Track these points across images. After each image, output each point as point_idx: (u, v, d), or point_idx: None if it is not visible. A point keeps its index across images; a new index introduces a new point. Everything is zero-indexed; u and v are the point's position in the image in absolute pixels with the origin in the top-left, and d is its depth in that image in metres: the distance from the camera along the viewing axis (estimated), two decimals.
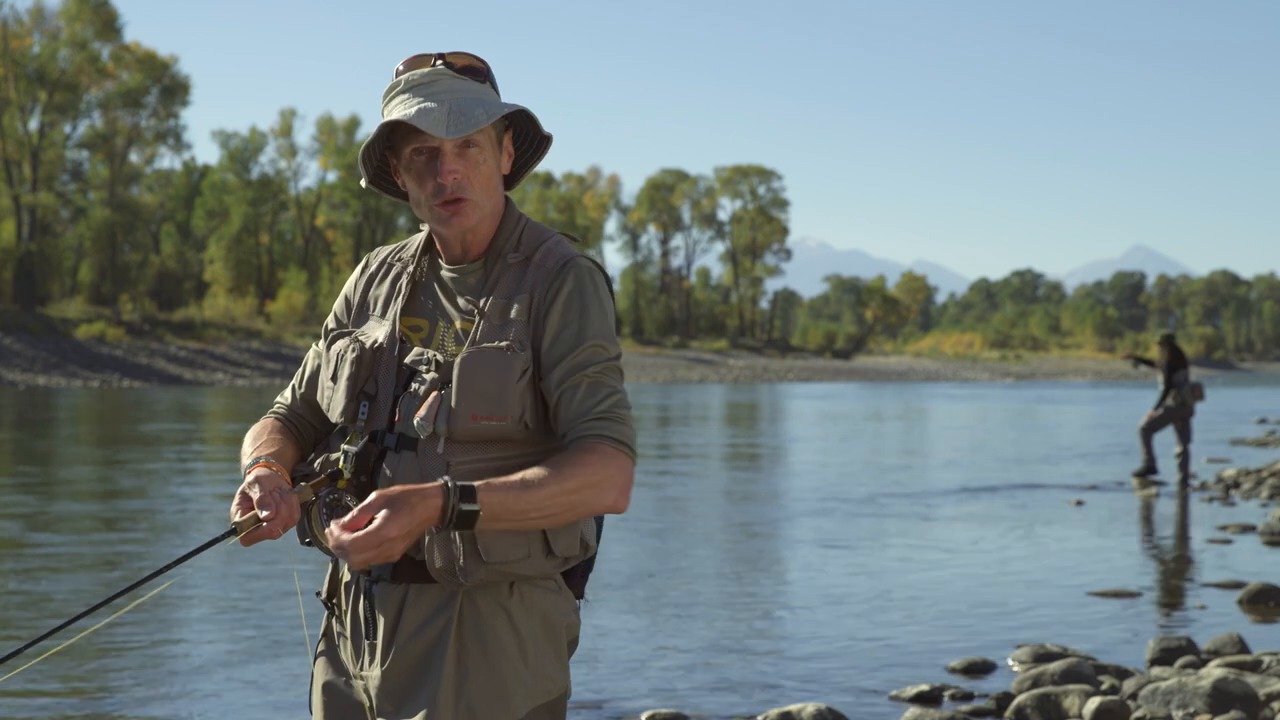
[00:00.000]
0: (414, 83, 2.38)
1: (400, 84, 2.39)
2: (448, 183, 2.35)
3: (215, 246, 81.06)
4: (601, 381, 2.35)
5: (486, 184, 2.40)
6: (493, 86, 2.43)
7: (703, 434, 27.36)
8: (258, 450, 2.43)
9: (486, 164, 2.39)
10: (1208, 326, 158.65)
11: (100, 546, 11.13)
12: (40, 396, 40.54)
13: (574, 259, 2.43)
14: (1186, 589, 9.62)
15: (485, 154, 2.39)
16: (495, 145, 2.41)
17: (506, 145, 2.46)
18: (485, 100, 2.38)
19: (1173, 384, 16.61)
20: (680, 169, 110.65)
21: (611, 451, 2.30)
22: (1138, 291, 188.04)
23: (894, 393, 56.03)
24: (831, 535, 11.99)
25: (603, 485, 2.28)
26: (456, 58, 2.40)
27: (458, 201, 2.37)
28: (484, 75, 2.42)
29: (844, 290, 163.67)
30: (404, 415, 2.36)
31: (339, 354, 2.46)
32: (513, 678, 2.35)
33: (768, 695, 6.40)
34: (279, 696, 6.30)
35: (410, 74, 2.39)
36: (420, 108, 2.34)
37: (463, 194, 2.37)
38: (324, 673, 2.48)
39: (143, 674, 6.71)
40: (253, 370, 58.30)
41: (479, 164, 2.38)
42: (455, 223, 2.39)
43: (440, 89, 2.36)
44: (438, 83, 2.37)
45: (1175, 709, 5.85)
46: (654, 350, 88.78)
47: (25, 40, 67.83)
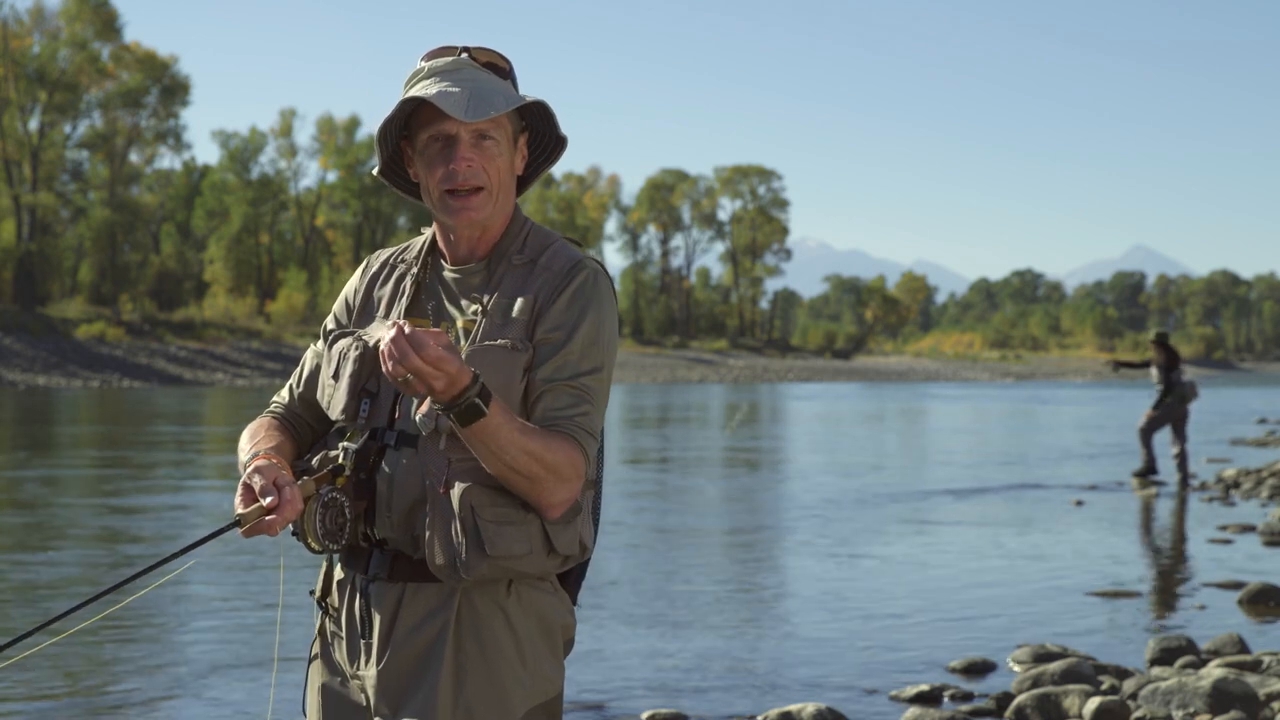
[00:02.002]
0: (437, 69, 2.39)
1: (424, 70, 2.40)
2: (460, 169, 2.35)
3: (215, 246, 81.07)
4: (584, 393, 2.37)
5: (501, 178, 2.40)
6: (514, 85, 2.45)
7: (703, 434, 27.36)
8: (256, 445, 2.43)
9: (502, 158, 2.39)
10: (1208, 326, 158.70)
11: (97, 548, 11.13)
12: (40, 396, 40.54)
13: (582, 261, 2.44)
14: (1186, 589, 9.62)
15: (501, 148, 2.39)
16: (511, 142, 2.42)
17: (521, 147, 2.46)
18: (506, 92, 2.39)
19: (1170, 383, 16.63)
20: (680, 169, 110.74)
21: (579, 455, 2.33)
22: (1138, 291, 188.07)
23: (894, 393, 56.03)
24: (831, 535, 11.99)
25: (569, 477, 2.31)
26: (481, 53, 2.42)
27: (469, 193, 2.37)
28: (506, 73, 2.44)
29: (844, 290, 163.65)
30: (404, 413, 2.36)
31: (341, 352, 2.45)
32: (511, 678, 2.35)
33: (768, 695, 6.40)
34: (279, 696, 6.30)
35: (434, 61, 2.40)
36: (441, 90, 2.35)
37: (476, 182, 2.37)
38: (319, 674, 2.48)
39: (140, 673, 6.71)
40: (253, 370, 58.30)
41: (494, 157, 2.38)
42: (464, 215, 2.38)
43: (463, 77, 2.38)
44: (460, 71, 2.38)
45: (1175, 709, 5.85)
46: (654, 350, 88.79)
47: (25, 40, 67.83)
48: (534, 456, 2.26)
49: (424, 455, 2.33)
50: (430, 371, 2.13)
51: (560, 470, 2.29)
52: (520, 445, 2.24)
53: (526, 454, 2.25)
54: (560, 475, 2.30)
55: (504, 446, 2.23)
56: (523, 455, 2.25)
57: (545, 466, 2.27)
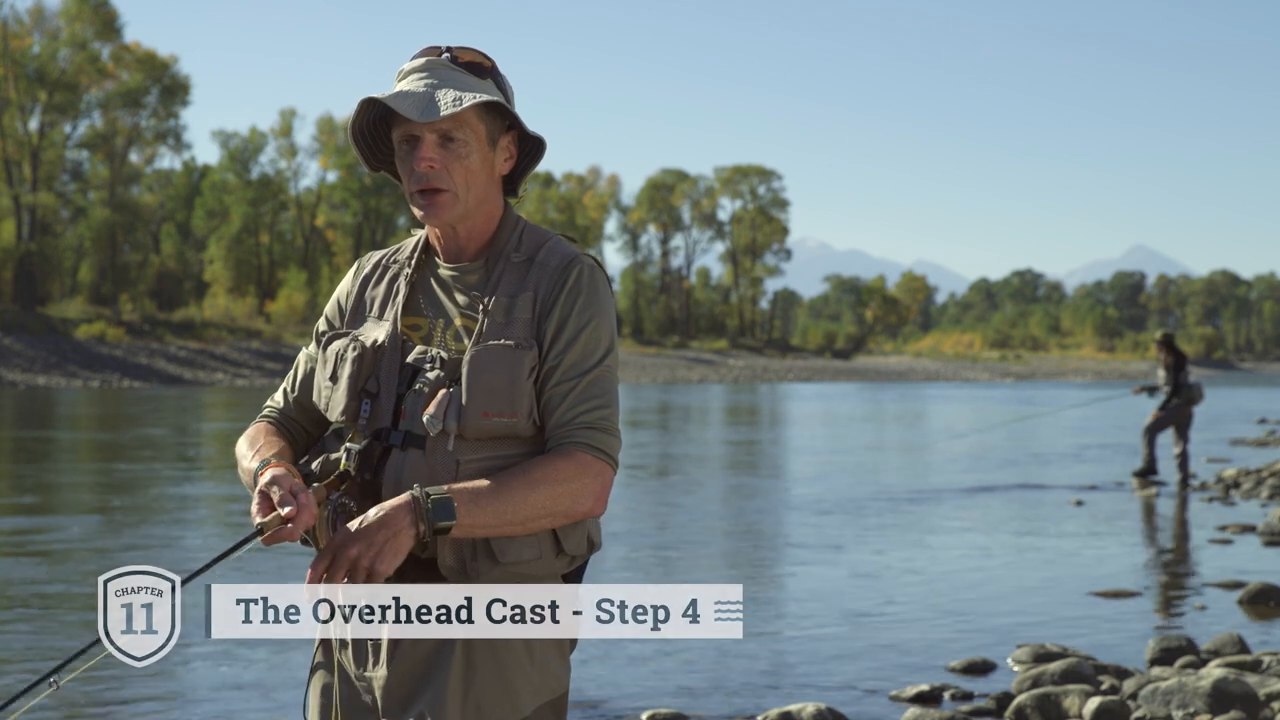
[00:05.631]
0: (410, 69, 2.39)
1: (402, 71, 2.41)
2: (421, 169, 2.35)
3: (215, 246, 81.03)
4: (593, 387, 2.36)
5: (470, 178, 2.37)
6: (497, 85, 2.42)
7: (703, 434, 27.35)
8: (260, 453, 2.41)
9: (471, 158, 2.36)
10: (1208, 326, 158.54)
11: (96, 547, 11.13)
12: (40, 396, 40.54)
13: (578, 258, 2.44)
14: (1186, 589, 9.62)
15: (471, 148, 2.36)
16: (486, 142, 2.39)
17: (508, 146, 2.44)
18: (470, 92, 2.35)
19: (1178, 384, 16.62)
20: (680, 169, 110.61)
21: (590, 459, 2.32)
22: (1138, 291, 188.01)
23: (894, 393, 56.03)
24: (831, 535, 11.99)
25: (580, 494, 2.30)
26: (462, 52, 2.41)
27: (434, 192, 2.36)
28: (487, 72, 2.41)
29: (844, 290, 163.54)
30: (410, 413, 2.35)
31: (338, 354, 2.44)
32: (520, 676, 2.34)
33: (768, 695, 6.40)
34: (281, 697, 6.30)
35: (412, 62, 2.41)
36: (399, 91, 2.35)
37: (438, 183, 2.35)
38: (323, 679, 2.46)
39: (141, 674, 6.71)
40: (253, 370, 58.30)
41: (462, 157, 2.36)
42: (432, 214, 2.38)
43: (431, 78, 2.36)
44: (433, 72, 2.37)
45: (1175, 709, 5.85)
46: (654, 350, 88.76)
47: (25, 40, 67.80)
48: (541, 509, 2.27)
49: (432, 456, 2.32)
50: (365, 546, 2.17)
51: (576, 498, 2.30)
52: (521, 512, 2.25)
53: (532, 514, 2.26)
54: (574, 496, 2.30)
55: (504, 523, 2.24)
56: (531, 516, 2.26)
57: (557, 510, 2.29)
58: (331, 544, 2.19)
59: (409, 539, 2.19)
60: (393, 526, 2.18)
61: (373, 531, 2.17)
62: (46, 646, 7.25)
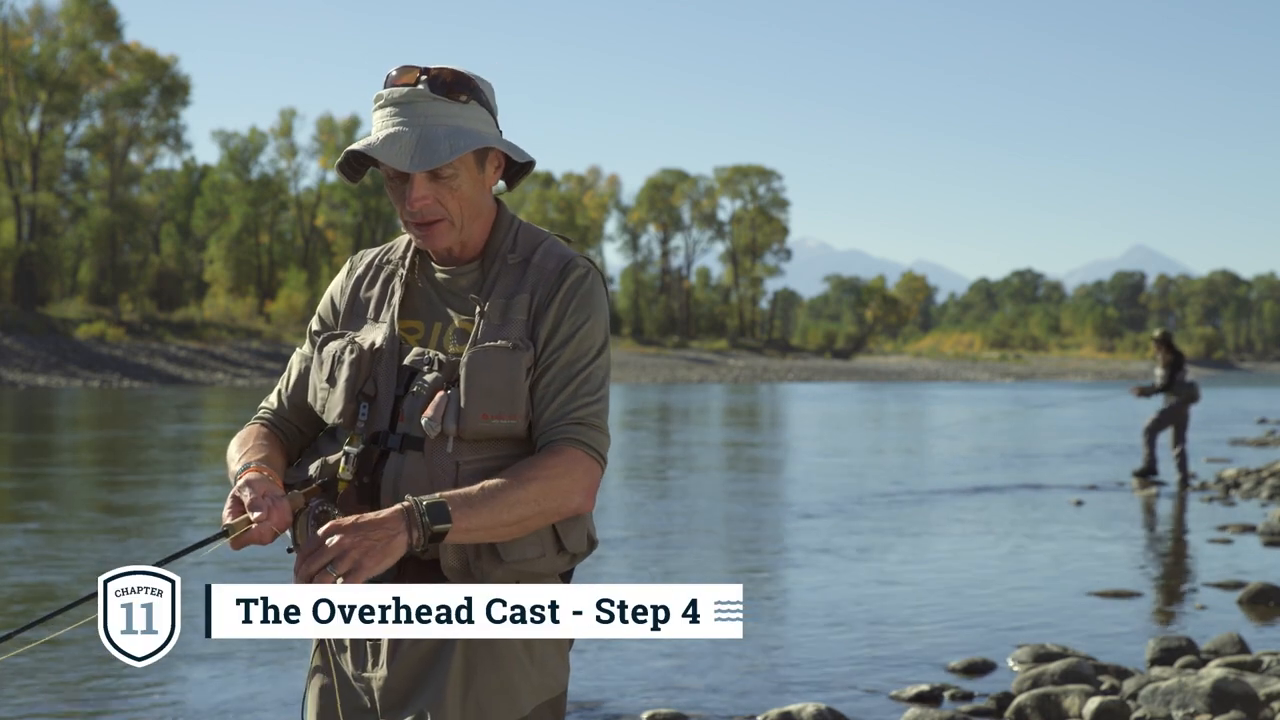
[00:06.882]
0: (391, 100, 2.35)
1: (381, 99, 2.37)
2: (415, 208, 2.36)
3: (215, 246, 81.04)
4: (584, 385, 2.37)
5: (463, 205, 2.38)
6: (481, 104, 2.38)
7: (703, 434, 27.35)
8: (246, 456, 2.41)
9: (461, 188, 2.37)
10: (1208, 326, 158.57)
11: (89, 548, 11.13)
12: (40, 396, 40.54)
13: (574, 259, 2.44)
14: (1186, 589, 9.62)
15: (460, 179, 2.36)
16: (475, 167, 2.38)
17: (496, 158, 2.42)
18: (459, 131, 2.33)
19: (1175, 381, 16.64)
20: (680, 169, 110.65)
21: (579, 455, 2.33)
22: (1138, 291, 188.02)
23: (894, 393, 56.03)
24: (831, 535, 11.99)
25: (570, 490, 2.31)
26: (440, 74, 2.36)
27: (430, 223, 2.38)
28: (467, 91, 2.36)
29: (844, 290, 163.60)
30: (408, 415, 2.35)
31: (334, 356, 2.44)
32: (519, 675, 2.35)
33: (768, 695, 6.40)
34: (280, 696, 6.30)
35: (391, 91, 2.36)
36: (387, 134, 2.32)
37: (433, 217, 2.37)
38: (321, 681, 2.46)
39: (134, 673, 6.71)
40: (253, 370, 58.30)
41: (454, 189, 2.36)
42: (429, 242, 2.41)
43: (415, 113, 2.33)
44: (414, 105, 2.33)
45: (1175, 709, 5.85)
46: (654, 350, 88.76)
47: (25, 40, 67.80)
48: (533, 506, 2.27)
49: (431, 459, 2.33)
50: (359, 540, 2.15)
51: (567, 495, 2.30)
52: (514, 512, 2.25)
53: (524, 514, 2.26)
54: (565, 493, 2.30)
55: (498, 524, 2.24)
56: (523, 516, 2.26)
57: (549, 508, 2.29)
58: (326, 530, 2.17)
59: (403, 544, 2.18)
60: (390, 529, 2.17)
61: (369, 528, 2.16)
62: (46, 646, 7.25)
